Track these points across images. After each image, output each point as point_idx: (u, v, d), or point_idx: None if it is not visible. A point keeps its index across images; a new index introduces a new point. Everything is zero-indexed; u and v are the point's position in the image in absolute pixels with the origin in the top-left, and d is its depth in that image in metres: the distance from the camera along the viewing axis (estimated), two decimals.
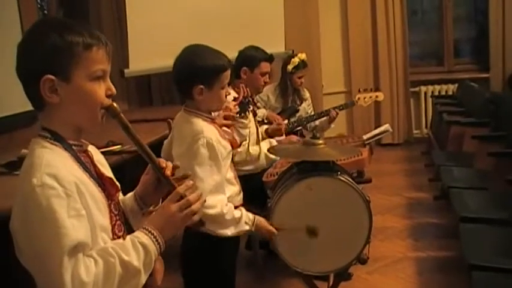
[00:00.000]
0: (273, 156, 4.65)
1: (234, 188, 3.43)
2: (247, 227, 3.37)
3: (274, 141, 4.94)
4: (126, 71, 7.16)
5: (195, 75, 3.17)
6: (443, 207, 6.22)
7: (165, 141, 3.60)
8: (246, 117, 4.43)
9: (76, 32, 1.90)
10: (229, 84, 4.89)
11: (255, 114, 5.08)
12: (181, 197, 2.06)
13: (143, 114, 6.83)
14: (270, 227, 3.52)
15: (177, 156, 3.24)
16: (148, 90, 8.35)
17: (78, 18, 7.17)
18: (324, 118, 6.22)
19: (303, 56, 6.22)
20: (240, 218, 3.32)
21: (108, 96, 1.98)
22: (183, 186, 2.08)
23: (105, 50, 1.97)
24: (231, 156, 3.39)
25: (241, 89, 4.68)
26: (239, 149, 4.63)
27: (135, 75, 7.49)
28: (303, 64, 6.19)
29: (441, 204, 6.41)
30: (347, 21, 9.69)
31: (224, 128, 3.49)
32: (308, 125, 6.22)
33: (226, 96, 3.33)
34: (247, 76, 5.00)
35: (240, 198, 3.52)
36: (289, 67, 6.14)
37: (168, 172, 2.13)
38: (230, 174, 3.40)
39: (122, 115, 2.01)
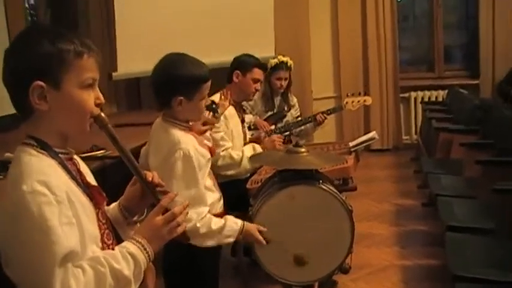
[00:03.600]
0: None
1: (214, 195, 3.39)
2: (230, 240, 3.32)
3: (258, 147, 4.87)
4: (114, 74, 7.13)
5: (175, 86, 3.12)
6: (431, 215, 6.19)
7: (143, 148, 3.54)
8: (217, 120, 4.35)
9: (67, 40, 1.89)
10: (219, 90, 4.88)
11: (243, 121, 5.04)
12: (166, 209, 2.06)
13: (131, 118, 6.78)
14: (260, 238, 3.43)
15: (153, 167, 3.18)
16: (138, 93, 8.30)
17: (66, 21, 7.18)
18: (311, 123, 6.15)
19: (284, 58, 6.12)
20: (220, 229, 3.25)
21: (96, 105, 1.98)
22: (167, 199, 2.09)
23: (95, 58, 1.97)
24: (210, 163, 3.33)
25: (225, 95, 4.63)
26: (222, 153, 4.62)
27: (123, 78, 7.44)
28: (283, 66, 6.08)
29: (429, 212, 6.39)
30: (337, 26, 9.68)
31: (205, 135, 3.45)
32: (294, 130, 6.15)
33: (205, 106, 3.28)
34: (239, 80, 4.95)
35: (220, 205, 3.48)
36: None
37: (154, 185, 2.13)
38: (209, 182, 3.35)
39: (110, 126, 2.01)
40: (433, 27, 9.96)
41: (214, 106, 4.13)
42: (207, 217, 3.20)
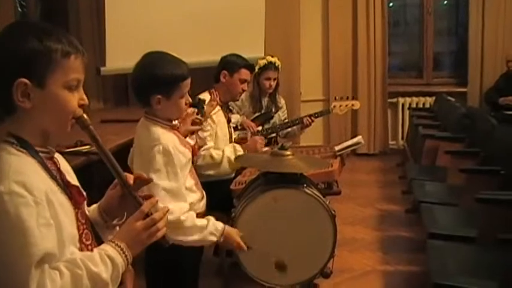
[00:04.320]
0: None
1: (195, 196, 3.37)
2: (213, 238, 3.29)
3: (239, 147, 4.85)
4: (102, 69, 7.09)
5: (152, 84, 3.11)
6: (415, 221, 6.20)
7: (131, 149, 3.53)
8: (203, 118, 4.34)
9: (55, 39, 1.87)
10: (206, 89, 4.87)
11: (229, 121, 5.03)
12: (147, 215, 2.04)
13: (118, 114, 6.77)
14: (240, 243, 3.41)
15: (136, 166, 3.19)
16: (125, 89, 8.26)
17: (56, 14, 7.13)
18: (298, 125, 6.15)
19: (272, 58, 6.13)
20: (204, 227, 3.24)
21: (80, 106, 1.96)
22: (147, 204, 2.06)
23: (82, 59, 1.94)
24: (190, 164, 3.33)
25: (214, 95, 4.62)
26: (202, 152, 4.62)
27: (111, 74, 7.41)
28: (271, 66, 6.08)
29: (412, 218, 6.41)
30: (328, 29, 9.67)
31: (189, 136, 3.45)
32: (281, 132, 6.15)
33: (186, 104, 3.25)
34: (226, 80, 4.95)
35: (202, 205, 3.46)
36: (256, 68, 5.98)
37: (135, 188, 2.12)
38: (190, 182, 3.34)
39: (92, 127, 1.99)
40: (423, 33, 9.98)
41: (200, 103, 4.12)
42: (190, 212, 3.19)
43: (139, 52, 3.25)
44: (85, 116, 1.97)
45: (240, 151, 4.80)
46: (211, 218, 3.33)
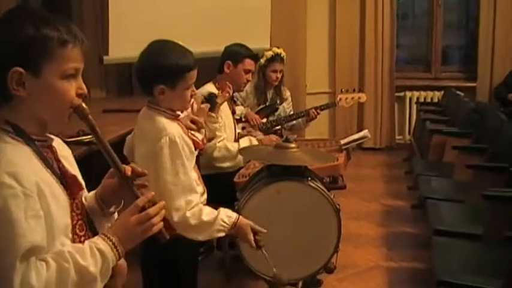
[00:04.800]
0: None
1: (198, 189, 3.30)
2: (220, 234, 3.23)
3: (254, 140, 4.88)
4: (105, 57, 7.10)
5: (156, 74, 3.08)
6: (420, 217, 6.19)
7: (128, 137, 3.52)
8: (215, 111, 4.34)
9: (52, 26, 1.85)
10: (210, 80, 4.87)
11: (233, 112, 5.04)
12: (143, 209, 2.02)
13: (121, 103, 6.76)
14: (251, 240, 3.27)
15: (138, 157, 3.18)
16: (129, 79, 8.26)
17: (58, 2, 7.13)
18: (303, 118, 6.15)
19: (278, 50, 6.12)
20: (212, 222, 3.16)
21: (78, 95, 1.94)
22: (143, 198, 2.04)
23: (81, 47, 1.93)
24: (194, 156, 3.29)
25: (224, 87, 4.62)
26: (218, 144, 4.60)
27: (114, 63, 7.42)
28: (278, 58, 6.08)
29: (418, 214, 6.40)
30: (335, 21, 9.61)
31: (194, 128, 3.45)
32: (286, 124, 6.15)
33: (191, 96, 3.23)
34: (230, 71, 4.97)
35: (204, 199, 3.40)
36: (262, 60, 6.02)
37: (132, 179, 2.09)
38: (194, 175, 3.28)
39: (90, 117, 1.97)
40: (432, 26, 9.93)
41: (213, 99, 4.13)
42: (198, 207, 3.14)
43: (143, 41, 3.24)
44: (84, 105, 1.95)
45: (256, 143, 4.82)
46: (222, 210, 3.25)
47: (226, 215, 3.23)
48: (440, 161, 6.48)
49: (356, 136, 5.07)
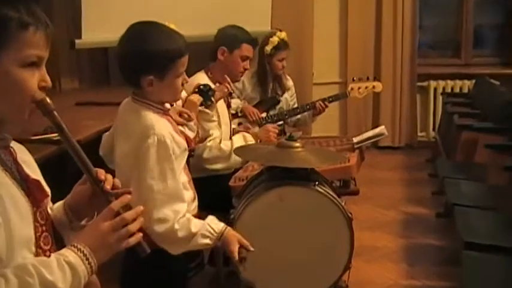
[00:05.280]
0: None
1: (187, 194, 3.33)
2: (206, 241, 3.23)
3: (250, 137, 4.88)
4: (77, 41, 7.07)
5: (143, 63, 3.06)
6: (447, 228, 6.21)
7: (105, 135, 3.51)
8: (211, 107, 4.34)
9: (12, 6, 1.85)
10: (202, 69, 4.87)
11: (229, 106, 5.03)
12: (117, 214, 2.01)
13: (97, 95, 6.77)
14: (235, 254, 3.29)
15: (120, 157, 3.18)
16: (105, 66, 8.26)
17: None
18: (309, 111, 6.16)
19: (282, 34, 6.15)
20: (197, 232, 3.18)
21: (41, 88, 1.93)
22: (117, 202, 2.03)
23: (45, 32, 1.91)
24: (186, 155, 3.31)
25: (223, 79, 4.61)
26: (209, 143, 4.62)
27: (88, 47, 7.41)
28: (283, 44, 6.12)
29: (444, 224, 6.42)
30: None
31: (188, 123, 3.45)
32: (289, 119, 6.16)
33: (183, 84, 3.23)
34: (225, 58, 4.95)
35: (194, 206, 3.45)
36: (268, 48, 6.05)
37: (108, 186, 2.07)
38: (184, 178, 3.32)
39: (56, 113, 1.96)
40: (461, 2, 9.90)
41: (209, 91, 4.12)
42: (185, 217, 3.15)
43: (122, 21, 3.22)
44: (47, 99, 1.94)
45: (252, 141, 4.84)
46: (211, 219, 3.28)
47: (214, 223, 3.27)
48: (470, 161, 6.49)
49: (371, 133, 5.07)
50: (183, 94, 3.90)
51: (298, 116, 6.19)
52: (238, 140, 4.79)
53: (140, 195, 2.94)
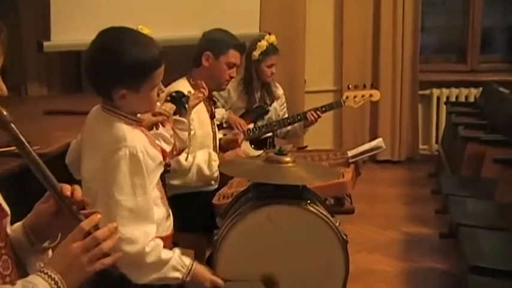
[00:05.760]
0: (207, 173, 4.63)
1: (159, 212, 3.33)
2: (176, 274, 3.27)
3: (214, 155, 4.85)
4: (45, 43, 7.04)
5: (116, 76, 3.07)
6: (451, 249, 6.21)
7: (73, 142, 3.50)
8: (186, 115, 4.32)
9: None
10: (184, 75, 4.84)
11: (213, 116, 5.02)
12: (88, 233, 2.01)
13: (67, 103, 6.73)
14: (214, 278, 3.40)
15: (87, 170, 3.18)
16: (78, 71, 8.23)
17: None
18: (300, 122, 6.16)
19: (271, 38, 6.18)
20: (169, 259, 3.23)
21: None
22: (88, 221, 2.03)
23: None
24: (161, 170, 3.32)
25: (200, 85, 4.60)
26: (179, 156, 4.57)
27: (58, 50, 7.40)
28: (273, 49, 6.14)
29: (449, 245, 6.41)
30: None
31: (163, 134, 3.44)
32: (279, 130, 6.16)
33: (158, 95, 3.25)
34: (210, 64, 4.94)
35: (168, 225, 3.44)
36: (255, 53, 6.08)
37: (74, 206, 2.07)
38: (156, 193, 3.32)
39: (13, 125, 1.98)
40: (469, 2, 9.89)
41: (182, 98, 4.11)
42: (155, 241, 3.16)
43: (96, 21, 3.23)
44: (3, 111, 1.95)
45: (216, 160, 4.80)
46: (177, 251, 3.32)
47: (182, 256, 3.31)
48: (477, 177, 6.50)
49: (367, 146, 5.08)
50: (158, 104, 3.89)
51: (289, 128, 6.20)
52: (201, 157, 4.76)
53: (108, 212, 2.95)
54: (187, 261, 3.30)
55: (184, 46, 5.45)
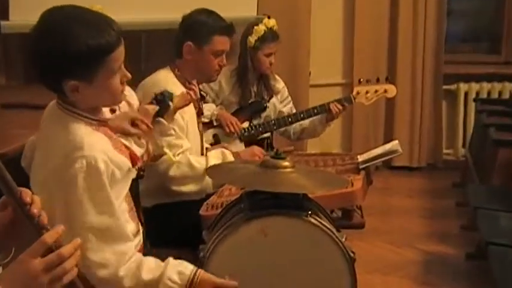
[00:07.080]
0: None
1: (128, 227, 3.29)
2: None
3: (228, 154, 4.87)
4: (3, 23, 7.05)
5: (60, 65, 2.98)
6: (479, 272, 6.23)
7: (30, 139, 3.49)
8: (168, 118, 4.32)
9: None
10: (167, 64, 4.84)
11: (200, 113, 5.01)
12: (50, 249, 2.02)
13: (29, 95, 6.75)
14: (225, 282, 3.33)
15: (37, 182, 3.13)
16: None
17: None
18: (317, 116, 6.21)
19: (271, 22, 6.17)
20: (157, 281, 3.17)
21: None
22: (52, 233, 2.04)
23: None
24: (131, 176, 3.31)
25: (190, 84, 4.62)
26: (177, 157, 4.60)
27: (19, 32, 7.43)
28: (272, 35, 6.15)
29: (476, 267, 6.42)
30: None
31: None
32: (292, 129, 6.17)
33: (122, 83, 3.17)
34: (193, 56, 4.91)
35: (137, 242, 3.41)
36: (251, 39, 6.07)
37: (35, 210, 2.08)
38: (123, 206, 3.29)
39: None
40: None
41: (167, 99, 4.11)
42: (133, 260, 3.15)
43: None
44: None
45: (231, 159, 4.83)
46: (172, 263, 3.26)
47: (176, 271, 3.24)
48: (510, 187, 6.52)
49: (381, 150, 5.08)
50: (135, 98, 3.89)
51: (306, 123, 6.20)
52: (215, 157, 4.78)
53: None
54: (185, 274, 3.23)
55: (170, 30, 5.44)
